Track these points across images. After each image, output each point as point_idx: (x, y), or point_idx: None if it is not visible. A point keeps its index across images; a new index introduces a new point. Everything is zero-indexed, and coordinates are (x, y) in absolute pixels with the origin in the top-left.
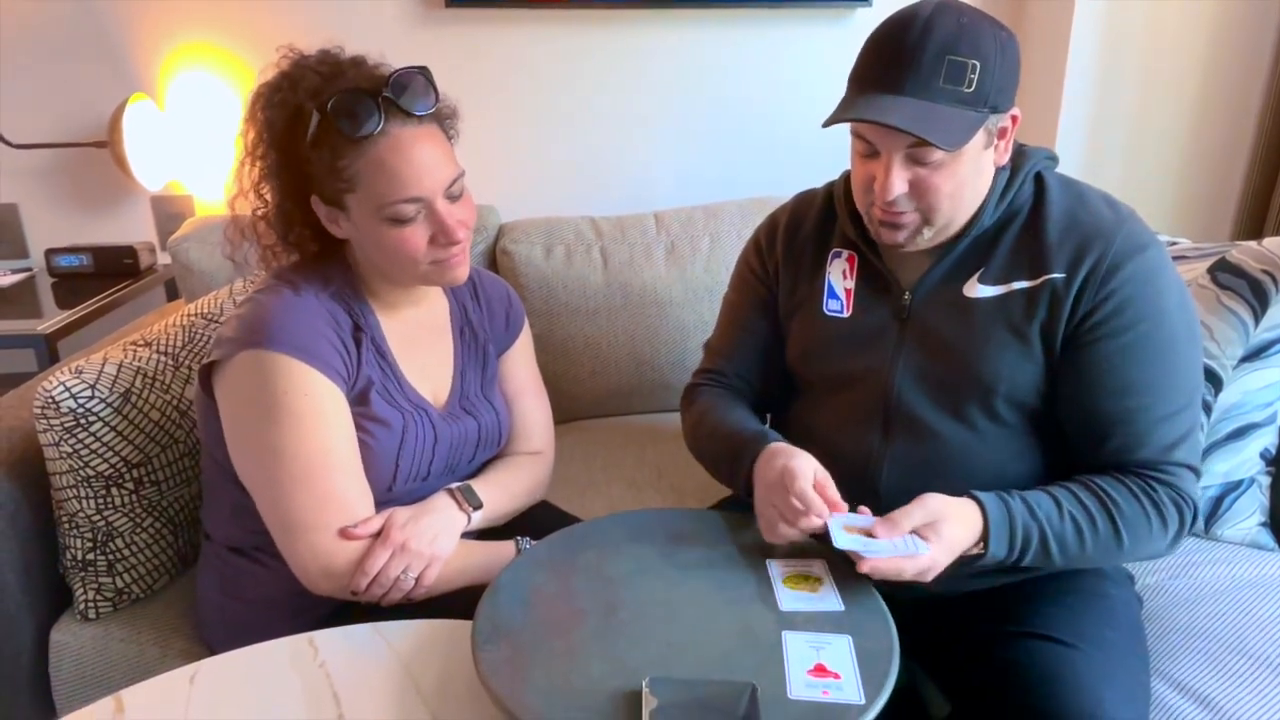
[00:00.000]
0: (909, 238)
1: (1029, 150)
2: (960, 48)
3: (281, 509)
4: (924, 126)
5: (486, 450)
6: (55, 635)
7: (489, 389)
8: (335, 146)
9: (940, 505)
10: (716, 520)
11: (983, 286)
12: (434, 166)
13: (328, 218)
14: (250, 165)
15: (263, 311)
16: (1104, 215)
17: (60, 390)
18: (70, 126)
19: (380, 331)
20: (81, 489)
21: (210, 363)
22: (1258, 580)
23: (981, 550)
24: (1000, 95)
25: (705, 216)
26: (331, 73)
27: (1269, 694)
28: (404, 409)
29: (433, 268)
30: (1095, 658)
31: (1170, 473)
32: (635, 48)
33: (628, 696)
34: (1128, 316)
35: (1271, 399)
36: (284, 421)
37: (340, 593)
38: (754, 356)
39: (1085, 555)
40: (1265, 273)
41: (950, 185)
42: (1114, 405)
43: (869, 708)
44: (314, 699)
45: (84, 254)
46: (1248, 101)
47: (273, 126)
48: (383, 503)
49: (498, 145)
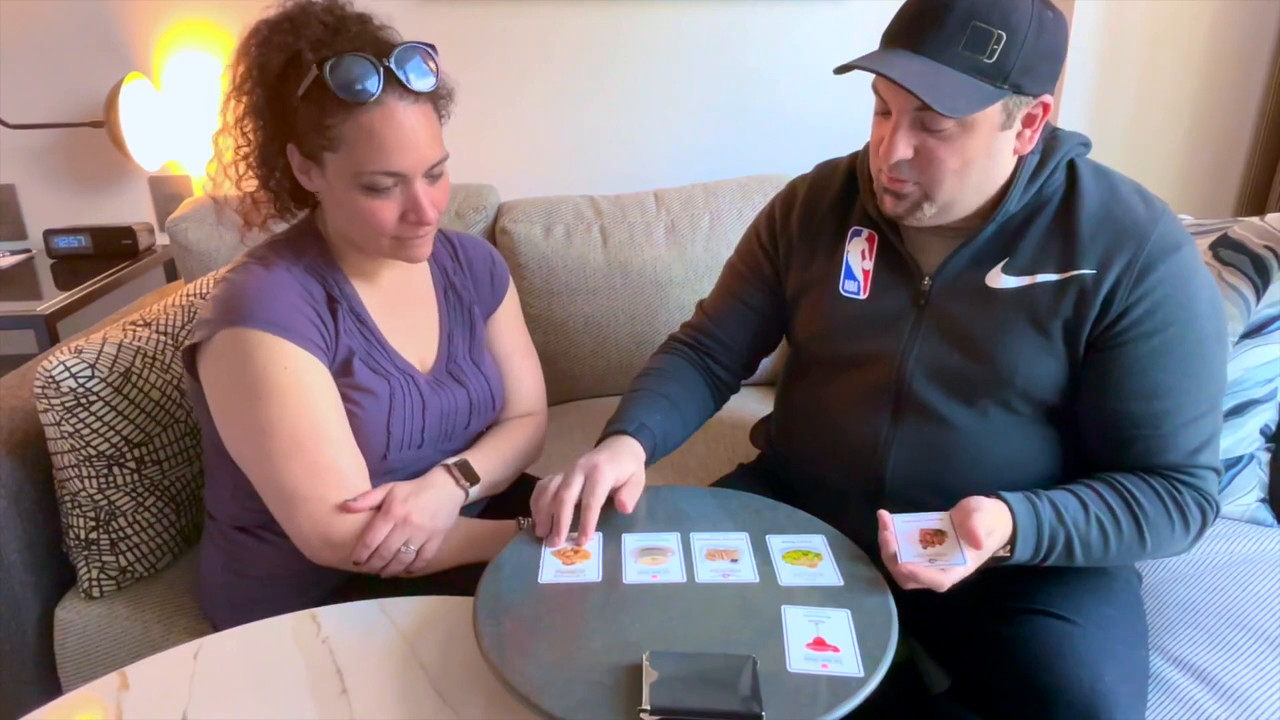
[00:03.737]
0: (909, 210)
1: (1062, 135)
2: (989, 15)
3: (275, 483)
4: (925, 86)
5: (481, 417)
6: (60, 614)
7: (478, 353)
8: (325, 104)
9: (991, 518)
10: (717, 497)
11: (1006, 277)
12: (421, 145)
13: (300, 168)
14: (235, 100)
15: (235, 290)
16: (1138, 211)
17: (60, 370)
18: (67, 106)
19: (358, 300)
20: (83, 468)
21: (192, 346)
22: (1256, 556)
23: (1007, 553)
24: (1026, 75)
25: (705, 195)
26: (336, 24)
27: (1267, 668)
28: (390, 375)
29: (395, 243)
30: (1094, 633)
31: (1196, 475)
32: (636, 25)
33: (628, 670)
34: (1159, 319)
35: (1272, 375)
36: (268, 397)
37: (342, 563)
38: (741, 329)
39: (1108, 556)
40: (1267, 248)
41: (956, 161)
42: (1140, 408)
43: (868, 680)
44: (317, 675)
45: (82, 235)
46: (1251, 78)
47: (266, 66)
48: (379, 472)
49: (497, 124)
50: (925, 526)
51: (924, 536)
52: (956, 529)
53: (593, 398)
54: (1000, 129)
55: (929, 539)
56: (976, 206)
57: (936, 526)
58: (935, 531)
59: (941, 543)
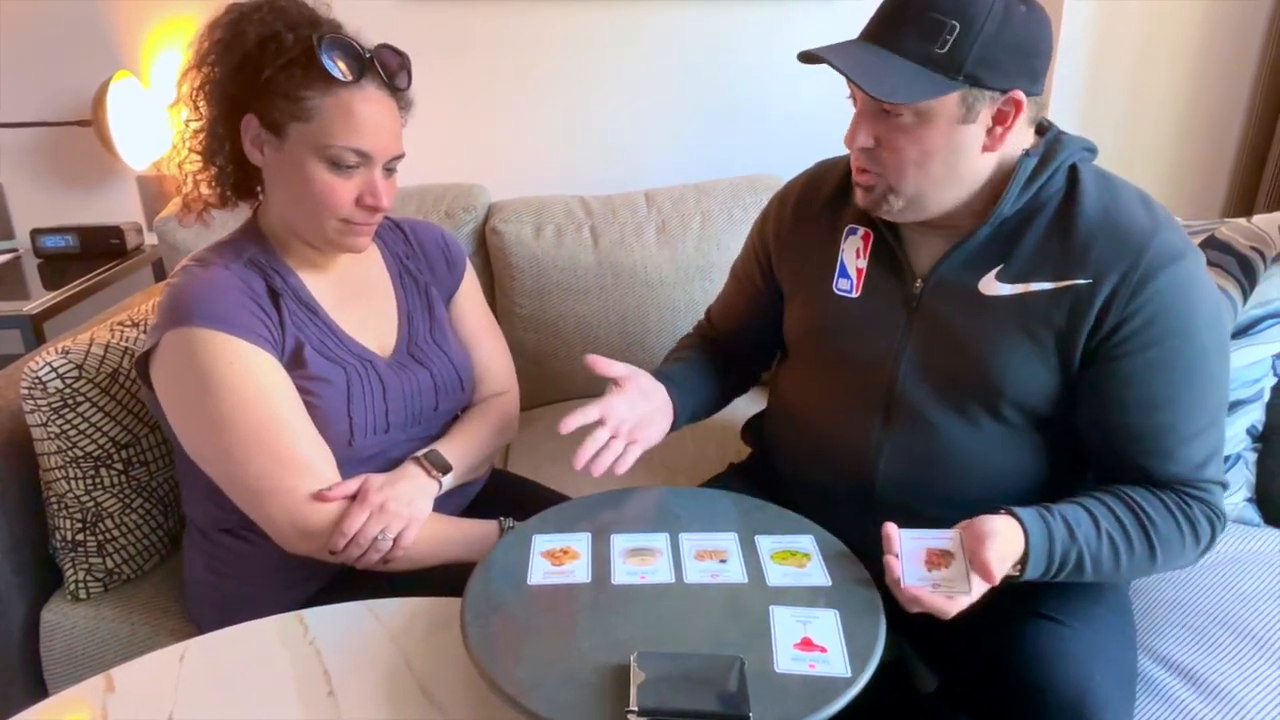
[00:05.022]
0: (876, 203)
1: (1065, 139)
2: (944, 5)
3: (241, 480)
4: (865, 73)
5: (449, 398)
6: (46, 615)
7: (439, 334)
8: (307, 76)
9: (1004, 544)
10: (705, 497)
11: (1000, 284)
12: (391, 135)
13: (254, 141)
14: (196, 70)
15: (176, 293)
16: (1138, 218)
17: (47, 371)
18: (54, 105)
19: (305, 290)
20: (70, 469)
21: (144, 355)
22: (1242, 555)
23: (1018, 572)
24: (986, 68)
25: (696, 195)
26: (313, 19)
27: (1253, 668)
28: (346, 363)
29: (342, 226)
30: (1084, 634)
31: (1204, 489)
32: (627, 25)
33: (616, 671)
34: (1157, 330)
35: (1258, 376)
36: (219, 393)
37: (318, 552)
38: (743, 333)
39: (1119, 573)
40: (1254, 249)
41: (915, 151)
42: (1140, 421)
43: (855, 680)
44: (304, 676)
45: (70, 234)
46: (1239, 80)
47: (242, 35)
48: (348, 461)
49: (487, 123)
50: (933, 546)
51: (930, 557)
52: (967, 554)
53: (584, 397)
54: (960, 122)
55: (935, 560)
56: (954, 205)
57: (945, 547)
58: (943, 552)
59: (948, 566)
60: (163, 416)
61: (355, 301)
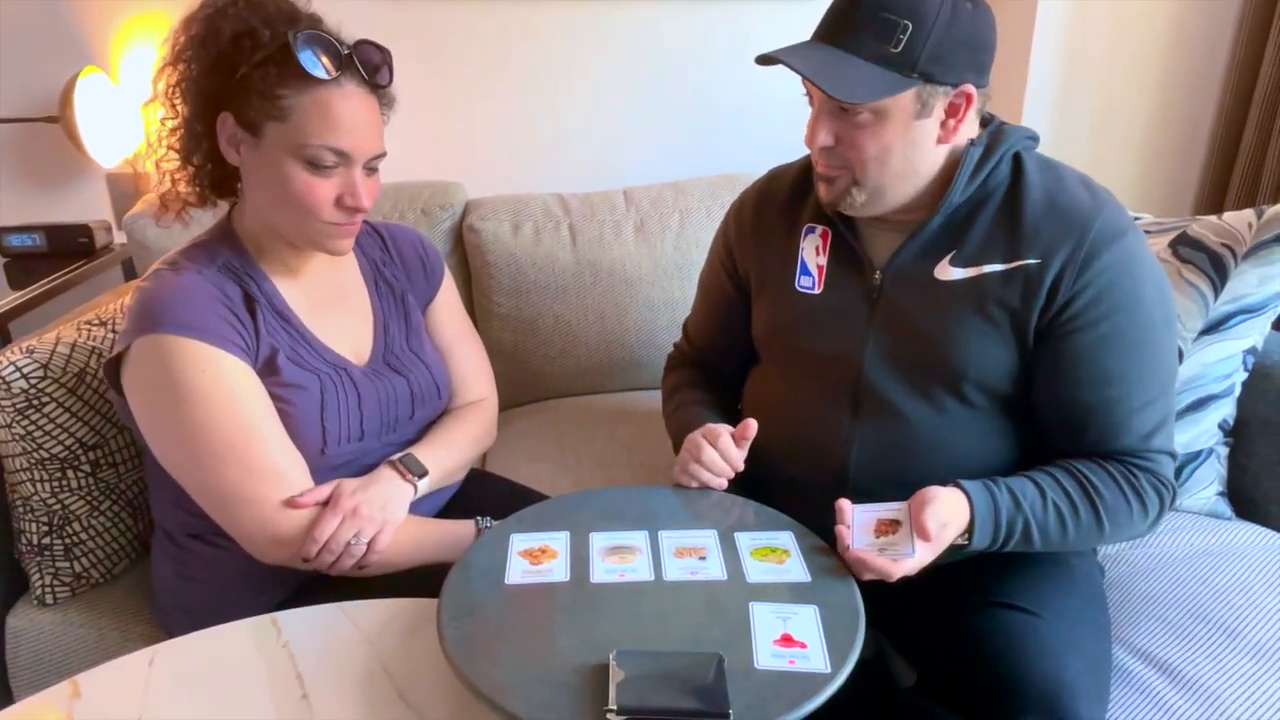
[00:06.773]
0: (839, 197)
1: (1008, 129)
2: (896, 6)
3: (212, 488)
4: (823, 74)
5: (426, 406)
6: (12, 621)
7: (416, 342)
8: (283, 74)
9: (947, 510)
10: (685, 495)
11: (954, 269)
12: (371, 133)
13: (230, 140)
14: (171, 68)
15: (147, 299)
16: (1081, 200)
17: (11, 371)
18: (20, 101)
19: (279, 297)
20: (36, 471)
21: (113, 360)
22: (1215, 549)
23: (965, 541)
24: (938, 65)
25: (674, 193)
26: (291, 14)
27: (1226, 660)
28: (319, 371)
29: (325, 228)
30: (1058, 626)
31: (1151, 459)
32: (604, 23)
33: (595, 670)
34: (1105, 306)
35: (1230, 371)
36: (190, 401)
37: (291, 560)
38: (721, 339)
39: (1066, 542)
40: (1225, 246)
41: (874, 147)
42: (1092, 395)
43: (834, 676)
44: (277, 680)
45: (37, 233)
46: (1209, 79)
47: (217, 32)
48: (321, 468)
49: (464, 120)
50: (882, 516)
51: (879, 526)
52: (912, 521)
53: (562, 397)
54: (916, 117)
55: (884, 529)
56: (910, 196)
57: (893, 516)
58: (891, 521)
59: (895, 532)
60: (132, 422)
61: (330, 309)
